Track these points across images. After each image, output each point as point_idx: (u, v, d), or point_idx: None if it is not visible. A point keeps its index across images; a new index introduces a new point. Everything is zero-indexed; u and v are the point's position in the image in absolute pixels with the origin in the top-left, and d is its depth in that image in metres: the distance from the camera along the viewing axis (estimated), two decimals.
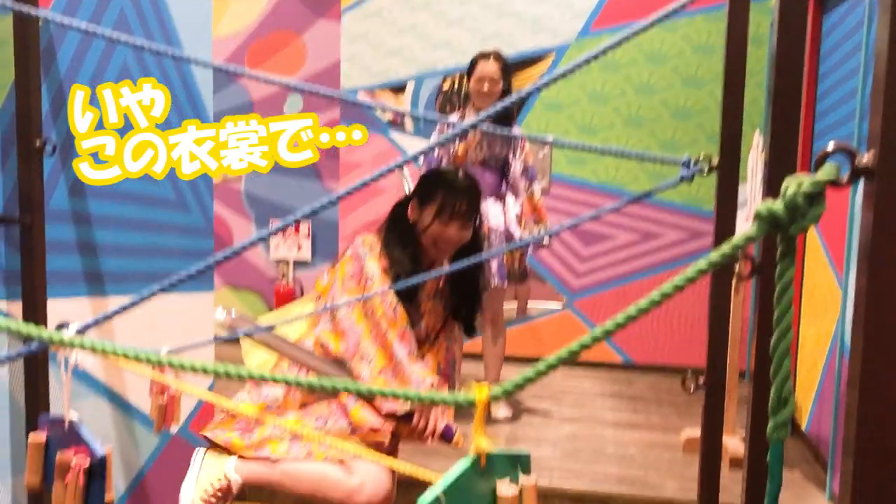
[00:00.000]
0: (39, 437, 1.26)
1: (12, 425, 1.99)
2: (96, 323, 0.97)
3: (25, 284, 1.96)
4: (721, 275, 1.54)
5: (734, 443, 3.13)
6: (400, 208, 2.28)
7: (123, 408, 2.45)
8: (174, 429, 1.93)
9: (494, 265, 3.59)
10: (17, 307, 1.97)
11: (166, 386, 1.84)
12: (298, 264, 5.36)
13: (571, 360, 0.76)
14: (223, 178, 5.36)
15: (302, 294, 5.38)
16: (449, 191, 2.15)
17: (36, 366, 1.93)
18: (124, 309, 1.00)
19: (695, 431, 3.27)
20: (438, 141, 1.14)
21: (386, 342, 2.05)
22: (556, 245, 4.97)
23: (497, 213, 3.64)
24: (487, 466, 0.81)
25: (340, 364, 2.09)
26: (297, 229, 5.31)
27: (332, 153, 5.23)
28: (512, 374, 3.31)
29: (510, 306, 4.82)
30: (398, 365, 2.04)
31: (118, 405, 2.43)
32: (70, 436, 1.23)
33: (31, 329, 0.84)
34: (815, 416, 3.42)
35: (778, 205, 0.69)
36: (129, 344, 1.91)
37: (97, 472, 1.19)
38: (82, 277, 2.28)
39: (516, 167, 3.71)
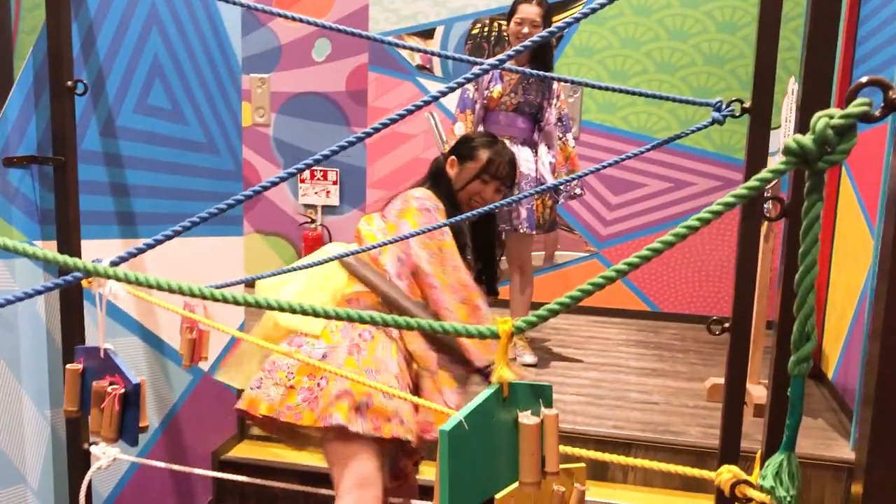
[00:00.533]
0: (76, 366, 1.31)
1: (50, 360, 2.05)
2: (130, 256, 0.99)
3: (60, 224, 2.00)
4: (749, 218, 1.53)
5: (758, 391, 3.14)
6: (439, 163, 2.29)
7: (156, 345, 2.52)
8: (204, 365, 1.97)
9: (524, 212, 3.58)
10: (51, 247, 2.02)
11: (196, 322, 1.88)
12: (326, 209, 5.39)
13: (584, 298, 0.77)
14: (253, 123, 5.38)
15: (330, 241, 5.42)
16: (495, 152, 2.20)
17: (71, 301, 1.98)
18: (158, 243, 1.02)
19: (719, 379, 3.28)
20: (476, 75, 1.14)
21: (469, 298, 2.01)
22: (585, 193, 4.94)
23: (528, 160, 3.62)
24: (510, 397, 0.83)
25: (425, 308, 2.00)
26: (325, 175, 5.32)
27: (359, 99, 5.21)
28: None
29: (537, 254, 4.83)
30: (482, 320, 2.01)
31: (151, 343, 2.49)
32: (105, 365, 1.27)
33: (67, 259, 0.86)
34: (842, 365, 3.40)
35: (807, 138, 0.68)
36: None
37: (132, 399, 1.24)
38: (115, 219, 2.32)
39: (551, 115, 3.67)
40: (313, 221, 5.37)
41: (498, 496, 1.45)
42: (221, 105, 2.87)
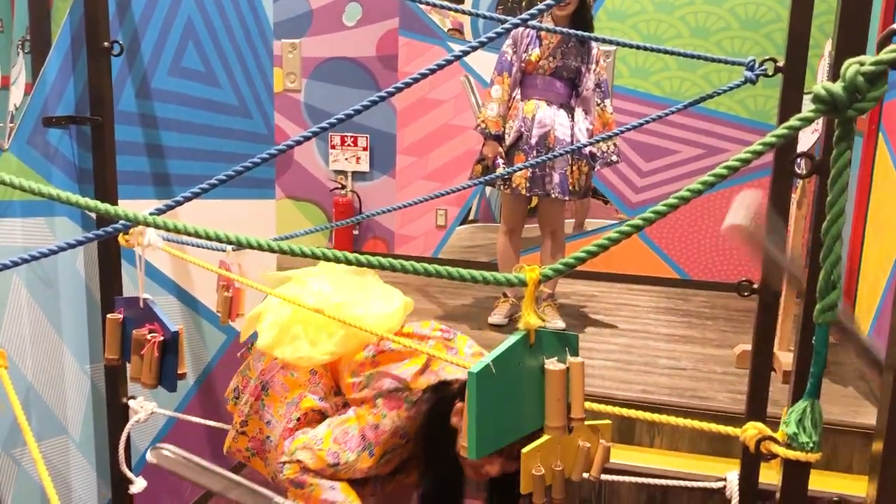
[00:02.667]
0: (116, 316, 1.35)
1: (89, 316, 2.11)
2: (168, 209, 1.02)
3: (98, 183, 2.04)
4: (780, 177, 1.52)
5: (787, 357, 3.13)
6: (442, 405, 1.66)
7: (191, 305, 2.57)
8: (239, 323, 2.02)
9: (557, 177, 3.57)
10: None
11: (231, 280, 1.92)
12: (356, 175, 5.42)
13: (611, 246, 0.78)
14: (284, 88, 5.40)
15: (360, 206, 5.45)
16: None
17: (110, 256, 2.02)
18: (195, 196, 1.05)
19: (749, 346, 3.27)
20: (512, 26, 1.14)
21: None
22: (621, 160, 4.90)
23: (564, 124, 3.60)
24: (536, 344, 0.85)
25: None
26: (355, 141, 5.34)
27: (390, 65, 5.20)
28: (568, 288, 3.33)
29: (567, 221, 4.81)
30: None
31: (186, 302, 2.54)
32: (144, 314, 1.31)
33: (108, 207, 0.89)
34: (873, 333, 3.38)
35: (836, 85, 0.69)
36: (194, 247, 2.00)
37: (170, 346, 1.28)
38: (150, 180, 2.36)
39: (589, 81, 3.64)
40: (343, 187, 5.40)
41: (525, 450, 1.49)
42: (254, 69, 2.89)
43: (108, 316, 1.35)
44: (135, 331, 1.30)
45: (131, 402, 2.08)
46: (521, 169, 2.57)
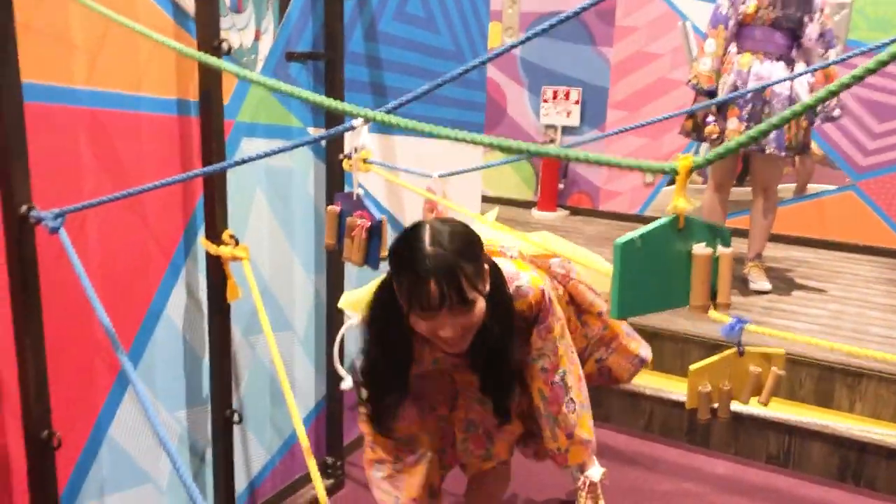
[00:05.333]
0: (335, 208, 1.59)
1: (316, 232, 2.41)
2: (388, 112, 1.19)
3: (328, 116, 2.32)
4: None
5: None
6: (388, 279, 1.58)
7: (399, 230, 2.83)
8: None
9: (773, 132, 3.45)
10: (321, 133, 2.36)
11: (436, 204, 2.12)
12: (566, 130, 5.49)
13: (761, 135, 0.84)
14: (501, 43, 5.57)
15: (567, 162, 5.53)
16: (411, 275, 1.45)
17: (335, 172, 2.30)
18: (408, 101, 1.21)
19: None
20: None
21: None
22: (844, 118, 4.58)
23: (782, 77, 3.46)
24: (686, 229, 0.93)
25: None
26: (567, 95, 5.41)
27: (607, 18, 5.20)
28: (780, 253, 3.27)
29: (786, 186, 4.59)
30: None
31: (397, 230, 2.81)
32: (356, 205, 1.53)
33: (336, 104, 1.08)
34: None
35: None
36: (408, 174, 2.22)
37: (376, 231, 1.49)
38: None
39: (812, 31, 3.46)
40: (553, 141, 5.51)
41: (693, 367, 1.56)
42: (471, 18, 3.07)
43: (329, 207, 1.59)
44: (348, 218, 1.52)
45: (347, 311, 2.36)
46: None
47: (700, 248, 0.93)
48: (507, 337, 1.61)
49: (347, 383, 2.38)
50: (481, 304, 1.46)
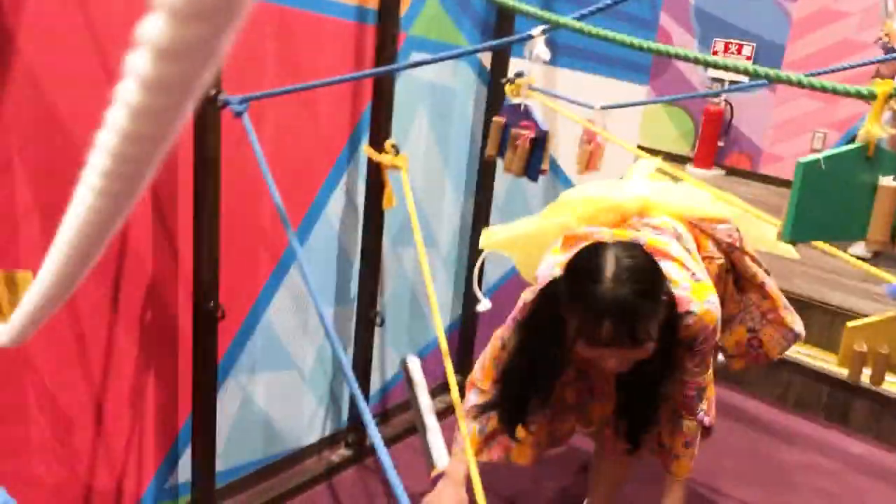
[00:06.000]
0: (500, 119, 1.61)
1: (470, 156, 2.45)
2: (551, 28, 1.19)
3: (497, 32, 2.33)
4: None
5: None
6: (555, 287, 1.45)
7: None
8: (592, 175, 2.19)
9: None
10: (486, 57, 2.37)
11: (595, 135, 2.10)
12: (733, 85, 5.24)
13: None
14: None
15: (731, 118, 5.29)
16: (589, 304, 1.33)
17: (497, 80, 2.31)
18: (579, 18, 1.21)
19: None
20: None
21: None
22: None
23: None
24: (875, 159, 0.89)
25: None
26: (739, 49, 5.14)
27: None
28: None
29: None
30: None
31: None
32: (522, 116, 1.54)
33: (517, 5, 1.10)
34: None
35: None
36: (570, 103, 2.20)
37: (539, 143, 1.50)
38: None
39: None
40: (718, 95, 5.27)
41: (850, 324, 1.49)
42: None
43: (494, 118, 1.61)
44: (513, 129, 1.54)
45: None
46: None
47: (888, 181, 0.89)
48: (664, 372, 1.50)
49: (484, 305, 2.43)
50: (652, 344, 1.35)
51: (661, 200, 1.72)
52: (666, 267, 1.43)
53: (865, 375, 1.52)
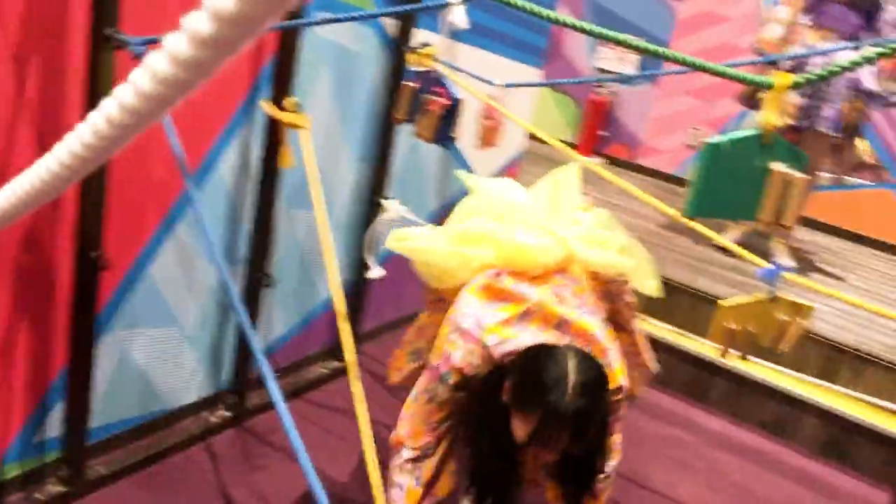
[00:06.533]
0: (413, 84, 1.61)
1: (370, 125, 2.44)
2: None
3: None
4: None
5: None
6: (493, 380, 1.49)
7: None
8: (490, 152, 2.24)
9: (830, 111, 3.40)
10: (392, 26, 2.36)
11: (494, 110, 2.14)
12: (620, 75, 5.45)
13: None
14: None
15: (612, 111, 5.49)
16: (549, 415, 1.34)
17: (401, 49, 2.31)
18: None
19: None
20: None
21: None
22: None
23: (847, 56, 3.42)
24: (770, 147, 0.96)
25: None
26: None
27: None
28: (806, 237, 3.23)
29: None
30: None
31: None
32: (434, 83, 1.56)
33: None
34: None
35: None
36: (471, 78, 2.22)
37: (452, 111, 1.52)
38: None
39: (889, 15, 3.40)
40: (602, 86, 5.46)
41: (722, 303, 1.60)
42: None
43: (405, 82, 1.62)
44: (425, 95, 1.55)
45: (385, 202, 2.39)
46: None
47: (779, 166, 0.96)
48: (598, 452, 1.54)
49: (375, 273, 2.43)
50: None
51: (582, 257, 1.65)
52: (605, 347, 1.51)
53: (732, 356, 1.64)
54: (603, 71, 5.43)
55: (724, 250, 3.82)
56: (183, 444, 2.11)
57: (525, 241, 1.60)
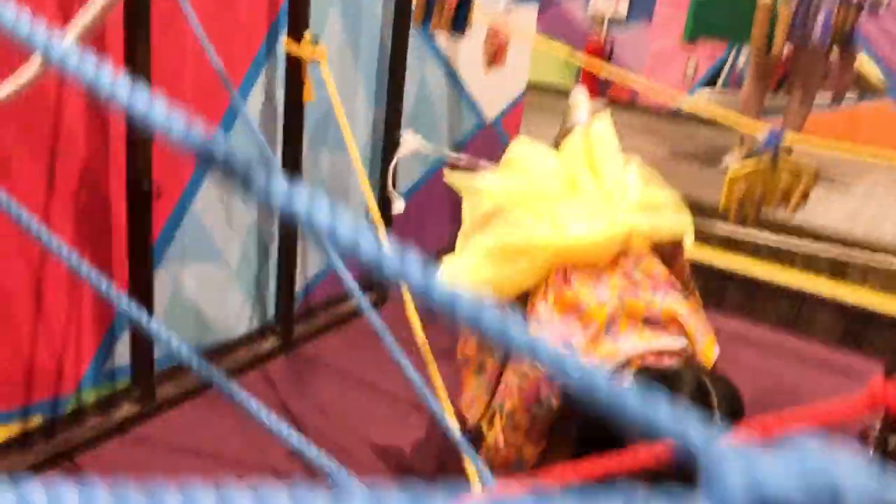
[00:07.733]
0: None
1: (380, 56, 2.55)
2: None
3: None
4: None
5: None
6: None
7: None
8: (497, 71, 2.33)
9: (821, 17, 3.42)
10: None
11: (500, 32, 2.26)
12: (612, 22, 5.52)
13: None
14: None
15: (611, 53, 5.58)
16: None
17: None
18: None
19: None
20: None
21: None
22: (889, 19, 4.53)
23: None
24: None
25: None
26: None
27: None
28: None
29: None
30: None
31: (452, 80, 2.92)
32: None
33: None
34: None
35: None
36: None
37: (465, 2, 1.65)
38: None
39: None
40: (597, 33, 5.54)
41: (731, 173, 1.72)
42: None
43: None
44: None
45: (404, 134, 2.52)
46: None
47: None
48: None
49: (398, 207, 2.56)
50: None
51: (642, 230, 1.53)
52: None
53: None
54: (595, 17, 5.50)
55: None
56: (239, 370, 2.26)
57: (580, 236, 1.48)
